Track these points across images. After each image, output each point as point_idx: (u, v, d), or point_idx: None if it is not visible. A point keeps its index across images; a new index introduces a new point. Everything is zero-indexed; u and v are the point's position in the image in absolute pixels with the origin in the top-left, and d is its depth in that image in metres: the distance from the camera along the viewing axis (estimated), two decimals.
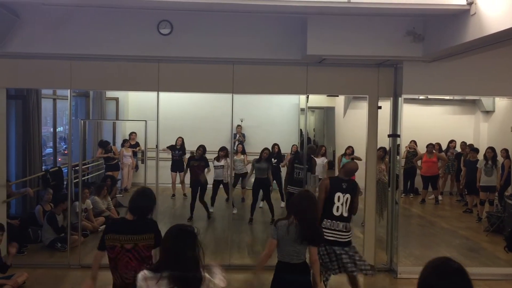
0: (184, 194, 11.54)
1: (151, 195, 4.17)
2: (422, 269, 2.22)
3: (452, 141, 12.26)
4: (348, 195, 5.61)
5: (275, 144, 10.94)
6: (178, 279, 2.92)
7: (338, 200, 5.57)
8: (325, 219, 5.57)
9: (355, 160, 8.43)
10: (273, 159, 10.47)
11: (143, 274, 3.02)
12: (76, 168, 8.32)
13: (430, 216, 10.98)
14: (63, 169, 9.74)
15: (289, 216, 4.47)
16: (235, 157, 10.60)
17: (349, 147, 11.01)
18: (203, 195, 9.89)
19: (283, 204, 10.34)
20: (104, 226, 9.09)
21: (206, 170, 9.99)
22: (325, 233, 5.31)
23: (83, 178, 9.16)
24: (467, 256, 7.88)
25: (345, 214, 5.60)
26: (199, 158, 9.96)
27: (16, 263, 7.00)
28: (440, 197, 11.95)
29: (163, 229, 3.39)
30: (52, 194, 8.61)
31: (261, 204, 10.29)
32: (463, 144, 12.07)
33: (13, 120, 8.85)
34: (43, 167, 9.80)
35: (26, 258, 7.51)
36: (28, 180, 9.00)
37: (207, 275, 3.04)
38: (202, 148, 10.06)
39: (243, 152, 11.55)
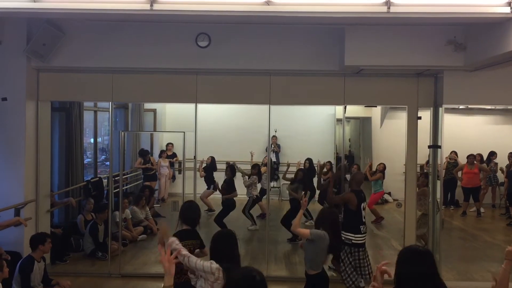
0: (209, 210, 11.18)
1: (197, 208, 5.00)
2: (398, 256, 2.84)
3: (493, 154, 11.89)
4: (364, 203, 6.40)
5: (306, 159, 10.66)
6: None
7: (363, 209, 6.29)
8: (362, 226, 6.23)
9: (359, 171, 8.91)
10: None
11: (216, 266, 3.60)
12: (116, 178, 8.50)
13: (472, 229, 10.64)
14: (103, 179, 9.97)
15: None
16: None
17: (381, 164, 10.78)
18: (221, 216, 9.35)
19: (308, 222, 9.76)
20: (143, 235, 9.33)
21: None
22: (359, 238, 6.16)
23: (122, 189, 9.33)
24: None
25: (364, 220, 6.38)
26: (227, 181, 9.51)
27: (59, 271, 7.22)
28: (482, 210, 11.58)
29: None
30: (93, 203, 8.81)
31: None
32: (511, 154, 11.65)
33: (57, 132, 9.13)
34: (84, 177, 10.05)
35: (69, 266, 7.70)
36: (70, 190, 9.26)
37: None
38: (229, 169, 9.60)
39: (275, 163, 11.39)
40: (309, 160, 10.51)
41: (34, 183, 7.26)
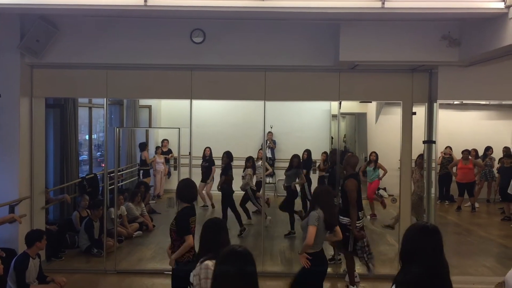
0: (212, 205, 11.37)
1: (194, 184, 5.13)
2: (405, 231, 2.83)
3: (489, 149, 11.94)
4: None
5: (305, 151, 10.75)
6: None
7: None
8: (360, 212, 6.47)
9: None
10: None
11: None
12: (111, 175, 8.48)
13: (466, 224, 10.70)
14: (98, 175, 9.94)
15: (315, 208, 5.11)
16: (258, 163, 10.45)
17: (372, 152, 10.88)
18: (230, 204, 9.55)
19: None
20: (139, 232, 9.32)
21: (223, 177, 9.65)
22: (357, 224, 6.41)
23: (117, 185, 9.32)
24: (507, 265, 7.61)
25: None
26: (225, 167, 9.75)
27: (55, 268, 7.22)
28: (477, 205, 11.63)
29: None
30: (88, 200, 8.80)
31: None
32: (506, 149, 11.70)
33: (51, 129, 9.09)
34: (79, 174, 10.02)
35: (64, 263, 7.69)
36: (65, 187, 9.23)
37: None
38: (226, 155, 9.80)
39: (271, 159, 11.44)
40: (308, 151, 10.55)
41: (28, 180, 7.23)
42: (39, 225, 7.11)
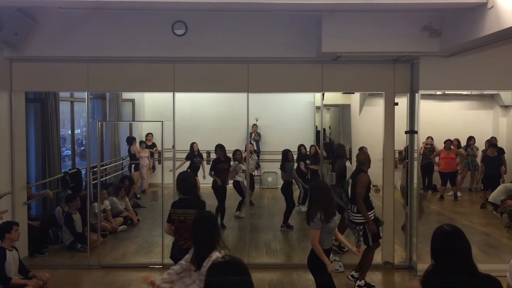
0: None
1: (191, 178, 5.21)
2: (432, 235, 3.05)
3: (471, 138, 12.09)
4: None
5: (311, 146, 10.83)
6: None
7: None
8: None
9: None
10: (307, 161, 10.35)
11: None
12: (94, 169, 8.41)
13: (449, 212, 10.85)
14: (81, 170, 9.85)
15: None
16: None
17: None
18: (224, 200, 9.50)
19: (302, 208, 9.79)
20: (123, 226, 9.28)
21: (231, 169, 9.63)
22: None
23: (101, 180, 9.24)
24: (488, 252, 7.77)
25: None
26: (225, 160, 9.62)
27: (38, 264, 7.15)
28: (459, 194, 11.80)
29: None
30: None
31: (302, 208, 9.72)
32: (489, 140, 11.83)
33: (32, 123, 8.97)
34: (61, 169, 9.91)
35: (47, 259, 7.62)
36: (47, 182, 9.12)
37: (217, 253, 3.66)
38: (219, 148, 9.63)
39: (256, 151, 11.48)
40: (303, 147, 10.63)
41: (9, 175, 7.13)
42: (21, 221, 6.99)
